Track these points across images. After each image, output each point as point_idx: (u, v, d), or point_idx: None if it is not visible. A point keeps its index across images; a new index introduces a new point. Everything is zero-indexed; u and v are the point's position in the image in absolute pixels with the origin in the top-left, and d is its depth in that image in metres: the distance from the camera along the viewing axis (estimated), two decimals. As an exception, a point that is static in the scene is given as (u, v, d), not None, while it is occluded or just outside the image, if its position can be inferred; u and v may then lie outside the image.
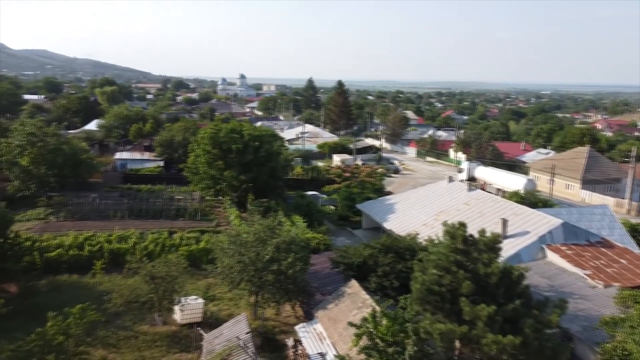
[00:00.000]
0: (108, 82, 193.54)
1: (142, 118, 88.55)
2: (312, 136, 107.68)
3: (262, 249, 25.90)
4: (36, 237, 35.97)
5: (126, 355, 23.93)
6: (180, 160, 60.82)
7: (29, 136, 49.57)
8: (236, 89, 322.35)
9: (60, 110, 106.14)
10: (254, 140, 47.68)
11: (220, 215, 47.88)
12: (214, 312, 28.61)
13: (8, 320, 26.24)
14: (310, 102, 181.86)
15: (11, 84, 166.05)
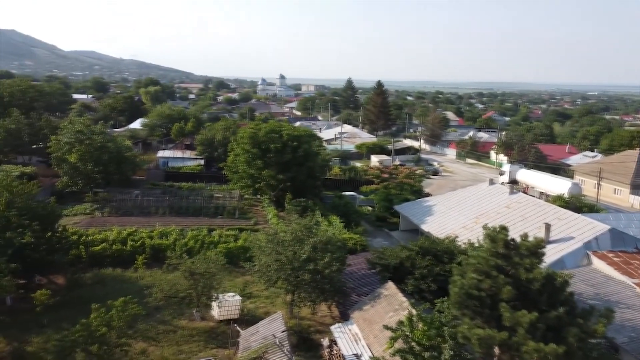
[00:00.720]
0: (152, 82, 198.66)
1: (184, 117, 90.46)
2: (350, 136, 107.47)
3: (299, 248, 26.01)
4: (82, 231, 37.30)
5: (165, 348, 24.47)
6: (220, 159, 61.81)
7: (77, 134, 51.40)
8: (275, 89, 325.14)
9: (107, 109, 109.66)
10: (293, 140, 47.98)
11: (258, 213, 48.41)
12: (251, 310, 28.92)
13: (55, 310, 27.27)
14: (348, 102, 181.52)
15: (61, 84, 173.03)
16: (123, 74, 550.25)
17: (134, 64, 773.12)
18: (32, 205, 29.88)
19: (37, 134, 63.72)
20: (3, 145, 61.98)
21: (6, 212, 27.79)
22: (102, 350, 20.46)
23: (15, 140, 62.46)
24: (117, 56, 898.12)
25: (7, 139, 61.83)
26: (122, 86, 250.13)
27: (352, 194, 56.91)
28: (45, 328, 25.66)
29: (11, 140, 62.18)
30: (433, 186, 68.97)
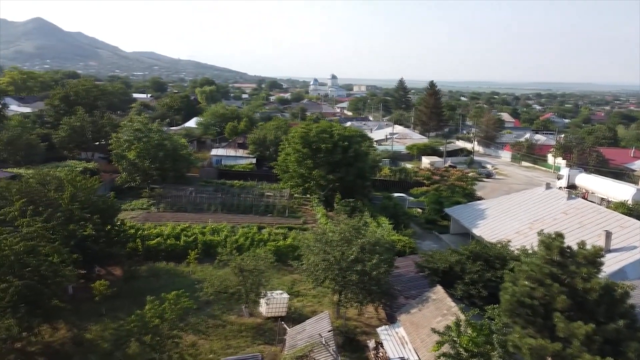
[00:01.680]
0: (207, 82, 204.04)
1: (237, 117, 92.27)
2: (401, 137, 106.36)
3: (347, 249, 26.01)
4: (139, 225, 38.79)
5: (214, 342, 25.09)
6: (271, 158, 62.67)
7: (135, 132, 53.51)
8: (327, 89, 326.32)
9: (164, 108, 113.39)
10: (343, 140, 48.03)
11: (307, 213, 48.77)
12: (298, 308, 29.18)
13: (112, 300, 28.53)
14: (400, 102, 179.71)
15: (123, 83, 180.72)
16: (180, 74, 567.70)
17: (191, 65, 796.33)
18: (94, 200, 31.28)
19: (100, 131, 66.78)
20: (68, 141, 65.39)
21: (70, 206, 29.26)
22: (154, 341, 21.25)
23: (79, 137, 65.74)
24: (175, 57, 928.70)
25: (72, 136, 65.18)
26: (179, 86, 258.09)
27: (401, 196, 56.34)
28: (102, 317, 26.89)
29: (76, 137, 65.50)
30: (486, 189, 67.20)
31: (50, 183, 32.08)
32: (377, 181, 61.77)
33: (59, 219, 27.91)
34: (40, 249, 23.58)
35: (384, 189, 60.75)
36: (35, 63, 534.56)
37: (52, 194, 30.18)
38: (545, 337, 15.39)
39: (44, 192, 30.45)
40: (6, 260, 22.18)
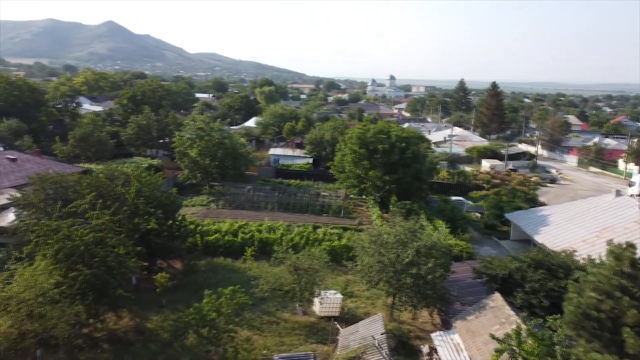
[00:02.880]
0: (267, 83, 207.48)
1: (295, 117, 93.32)
2: (460, 139, 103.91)
3: (402, 251, 25.72)
4: (199, 221, 40.03)
5: (268, 338, 25.49)
6: (328, 159, 62.94)
7: (198, 130, 55.24)
8: (385, 90, 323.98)
9: (225, 108, 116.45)
10: (401, 142, 47.53)
11: (362, 213, 48.61)
12: (351, 309, 29.14)
13: (172, 293, 29.61)
14: (460, 104, 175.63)
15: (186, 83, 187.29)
16: (241, 74, 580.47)
17: (251, 65, 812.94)
18: (157, 195, 32.53)
19: (164, 129, 69.46)
20: (135, 139, 68.47)
21: (135, 200, 30.61)
22: (211, 334, 21.87)
23: (145, 135, 68.68)
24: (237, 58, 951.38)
25: (139, 134, 68.18)
26: (240, 86, 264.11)
27: (459, 199, 55.06)
28: (163, 308, 27.96)
29: (142, 135, 68.47)
30: (549, 195, 64.46)
31: (118, 178, 33.73)
32: (434, 184, 60.70)
33: (125, 213, 29.23)
34: (108, 240, 24.81)
35: (441, 192, 59.61)
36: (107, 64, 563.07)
37: (120, 189, 31.70)
38: (612, 353, 14.59)
39: (112, 187, 32.00)
40: (77, 250, 23.50)
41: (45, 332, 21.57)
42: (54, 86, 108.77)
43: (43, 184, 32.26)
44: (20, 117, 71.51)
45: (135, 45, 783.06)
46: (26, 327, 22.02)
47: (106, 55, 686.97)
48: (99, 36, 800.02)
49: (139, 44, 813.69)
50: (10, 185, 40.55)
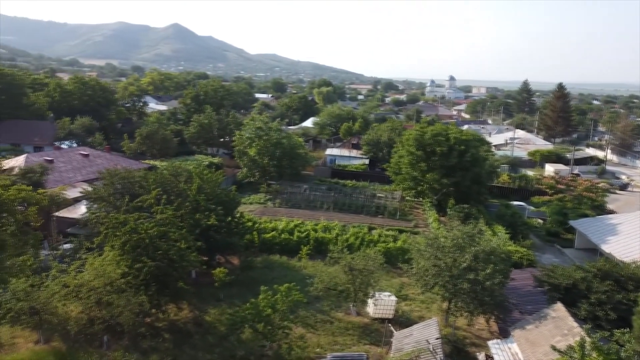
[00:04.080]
0: (325, 83, 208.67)
1: (352, 117, 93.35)
2: (522, 142, 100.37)
3: (460, 256, 25.24)
4: (256, 219, 40.91)
5: (321, 337, 25.70)
6: (385, 160, 62.57)
7: (256, 130, 56.45)
8: (444, 90, 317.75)
9: (283, 108, 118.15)
10: (459, 144, 46.54)
11: (418, 216, 48.02)
12: (405, 312, 28.90)
13: (230, 287, 30.43)
14: (523, 105, 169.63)
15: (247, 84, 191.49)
16: (299, 75, 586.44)
17: (310, 66, 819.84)
18: (217, 192, 33.55)
19: (225, 128, 71.44)
20: (197, 137, 70.86)
21: (197, 196, 31.72)
22: (266, 329, 22.35)
23: (207, 133, 70.94)
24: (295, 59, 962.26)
25: (201, 132, 70.52)
26: (298, 86, 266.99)
27: (520, 204, 53.23)
28: (220, 302, 28.80)
29: (204, 133, 70.77)
30: (619, 202, 61.07)
31: (180, 175, 35.05)
32: (494, 188, 58.99)
33: (187, 208, 30.37)
34: (171, 234, 25.88)
35: (501, 196, 57.87)
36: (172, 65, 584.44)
37: (182, 185, 32.95)
38: (686, 372, 13.74)
39: (175, 183, 33.33)
40: (142, 243, 24.67)
41: (112, 319, 22.80)
42: (123, 86, 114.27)
43: (112, 179, 34.04)
44: (92, 115, 75.73)
45: (198, 47, 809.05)
46: (95, 313, 23.39)
47: (171, 56, 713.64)
48: (165, 38, 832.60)
49: (202, 45, 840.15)
50: (82, 180, 43.11)
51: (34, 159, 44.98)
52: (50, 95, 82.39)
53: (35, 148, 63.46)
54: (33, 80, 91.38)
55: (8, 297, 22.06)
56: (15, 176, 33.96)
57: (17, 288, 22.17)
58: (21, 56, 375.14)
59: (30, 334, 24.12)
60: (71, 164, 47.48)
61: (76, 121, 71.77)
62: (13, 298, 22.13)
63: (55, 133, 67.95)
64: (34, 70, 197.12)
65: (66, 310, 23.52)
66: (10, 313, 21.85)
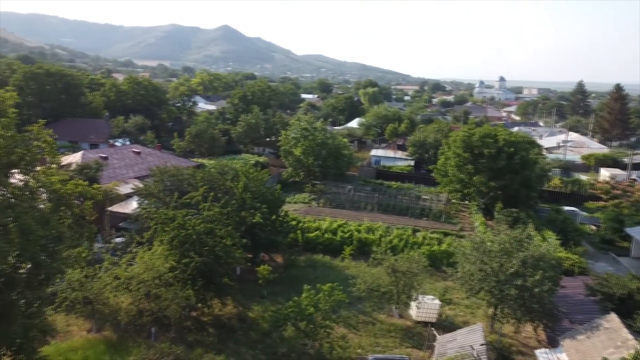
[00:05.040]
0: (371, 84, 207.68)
1: (398, 118, 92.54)
2: (576, 145, 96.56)
3: (507, 261, 24.59)
4: (300, 218, 41.22)
5: (363, 338, 25.64)
6: (430, 161, 61.73)
7: (302, 130, 56.87)
8: (493, 92, 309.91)
9: (329, 109, 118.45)
10: (509, 146, 45.31)
11: (464, 219, 47.14)
12: (449, 316, 28.43)
13: (273, 285, 30.81)
14: (577, 107, 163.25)
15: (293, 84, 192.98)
16: (345, 75, 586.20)
17: (356, 67, 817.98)
18: (263, 191, 34.03)
19: (271, 128, 72.41)
20: (244, 136, 72.14)
21: (243, 195, 32.29)
22: (308, 328, 22.50)
23: (253, 133, 72.12)
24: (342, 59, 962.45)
25: (248, 132, 71.75)
26: (344, 87, 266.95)
27: (572, 210, 51.28)
28: (264, 299, 29.21)
29: (250, 133, 71.98)
30: (681, 210, 57.81)
31: (227, 173, 35.76)
32: (544, 192, 57.10)
33: (233, 206, 30.95)
34: (217, 231, 26.44)
35: (552, 201, 55.92)
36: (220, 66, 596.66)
37: (229, 183, 33.62)
38: None
39: (222, 181, 34.03)
40: (189, 239, 25.34)
41: (159, 311, 23.55)
42: (174, 86, 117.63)
43: (162, 176, 35.14)
44: (144, 114, 78.34)
45: (246, 48, 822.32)
46: (144, 305, 24.22)
47: (220, 57, 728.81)
48: (214, 39, 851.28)
49: (250, 46, 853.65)
50: (134, 176, 44.64)
51: (90, 155, 46.96)
52: (106, 94, 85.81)
53: (91, 145, 66.28)
54: (90, 81, 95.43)
55: (64, 287, 23.16)
56: (73, 171, 35.52)
57: (72, 278, 23.25)
58: (80, 57, 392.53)
59: (83, 322, 25.25)
60: (124, 161, 49.28)
61: (129, 120, 74.43)
62: (68, 288, 23.25)
63: (110, 131, 70.75)
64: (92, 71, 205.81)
65: (117, 301, 24.46)
66: (66, 302, 22.97)
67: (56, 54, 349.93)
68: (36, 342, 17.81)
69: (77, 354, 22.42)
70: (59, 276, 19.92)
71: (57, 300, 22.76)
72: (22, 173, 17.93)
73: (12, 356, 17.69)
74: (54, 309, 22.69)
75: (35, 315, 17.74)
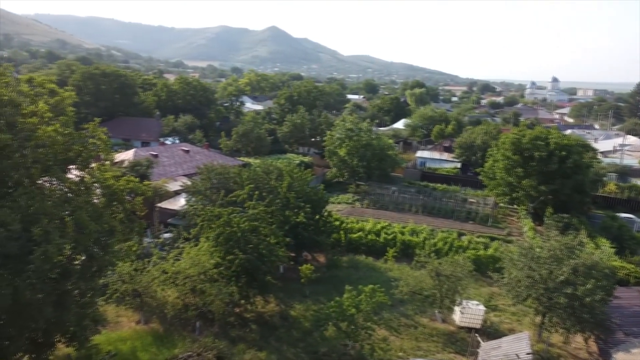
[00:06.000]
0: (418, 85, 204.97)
1: (445, 119, 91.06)
2: (634, 149, 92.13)
3: (557, 268, 23.78)
4: (343, 218, 41.21)
5: (405, 341, 25.38)
6: (478, 164, 60.38)
7: (347, 131, 56.83)
8: (546, 93, 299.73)
9: (375, 109, 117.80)
10: (561, 149, 43.74)
11: (512, 224, 45.88)
12: (494, 323, 27.75)
13: (315, 284, 30.96)
14: (636, 109, 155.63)
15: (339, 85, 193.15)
16: (392, 76, 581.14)
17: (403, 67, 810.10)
18: (307, 190, 34.24)
19: (316, 128, 72.70)
20: (289, 136, 72.82)
21: (287, 194, 32.60)
22: (349, 329, 22.50)
23: (299, 133, 72.68)
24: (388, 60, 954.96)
25: (293, 132, 72.38)
26: (390, 88, 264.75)
27: (629, 217, 48.96)
28: (306, 298, 29.39)
29: (296, 133, 72.57)
30: None
31: (272, 172, 36.18)
32: (598, 197, 54.78)
33: (278, 205, 31.30)
34: (261, 229, 26.82)
35: (607, 207, 53.56)
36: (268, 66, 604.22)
37: (273, 182, 34.02)
38: None
39: (267, 180, 34.48)
40: (234, 236, 25.82)
41: (204, 306, 24.13)
42: (223, 86, 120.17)
43: (209, 174, 35.95)
44: (193, 114, 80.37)
45: (293, 49, 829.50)
46: (189, 299, 24.87)
47: (268, 58, 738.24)
48: (262, 40, 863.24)
49: (297, 47, 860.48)
50: (183, 174, 45.88)
51: (141, 153, 48.59)
52: (158, 94, 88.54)
53: (142, 143, 68.59)
54: (143, 81, 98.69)
55: (115, 279, 24.08)
56: (125, 168, 36.88)
57: (122, 271, 24.14)
58: (134, 58, 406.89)
59: (132, 314, 26.16)
60: (173, 158, 50.71)
61: (179, 119, 76.52)
62: (119, 280, 24.15)
63: (160, 130, 73.00)
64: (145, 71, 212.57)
65: (164, 294, 25.21)
66: (116, 294, 23.88)
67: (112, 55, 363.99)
68: (88, 331, 18.61)
69: (125, 344, 23.26)
70: (111, 268, 20.77)
71: (108, 291, 23.69)
72: (78, 169, 18.78)
73: (66, 343, 18.59)
74: (105, 300, 23.64)
75: (88, 305, 18.57)
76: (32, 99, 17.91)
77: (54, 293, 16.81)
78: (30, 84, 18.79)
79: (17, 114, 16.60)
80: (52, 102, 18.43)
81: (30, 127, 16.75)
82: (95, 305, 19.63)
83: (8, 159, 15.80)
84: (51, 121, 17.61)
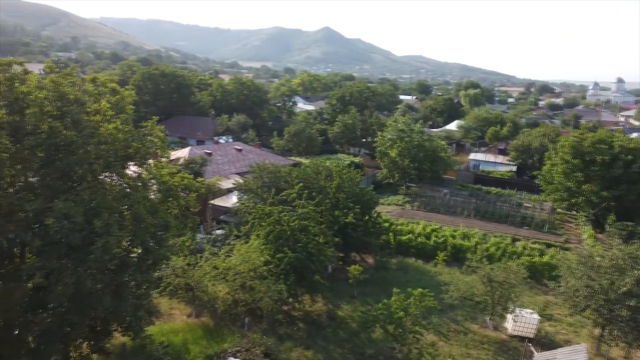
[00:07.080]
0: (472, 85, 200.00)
1: (501, 121, 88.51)
2: None
3: (619, 279, 22.59)
4: (393, 220, 40.84)
5: (454, 347, 24.84)
6: (534, 167, 58.33)
7: (399, 132, 56.26)
8: (610, 94, 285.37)
9: (427, 110, 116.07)
10: (626, 154, 41.55)
11: (570, 231, 44.02)
12: (549, 333, 26.70)
13: (363, 286, 30.82)
14: None
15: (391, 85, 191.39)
16: (446, 77, 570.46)
17: (457, 67, 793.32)
18: (356, 191, 34.17)
19: (368, 129, 72.44)
20: (340, 137, 72.90)
21: (336, 194, 32.62)
22: (397, 332, 22.25)
23: (350, 133, 72.66)
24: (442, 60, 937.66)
25: (344, 132, 72.42)
26: (444, 88, 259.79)
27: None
28: (354, 299, 29.30)
29: (347, 133, 72.58)
30: None
31: (321, 172, 36.31)
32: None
33: (327, 205, 31.38)
34: (310, 229, 26.97)
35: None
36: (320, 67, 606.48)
37: (323, 182, 34.12)
38: None
39: (317, 180, 34.62)
40: (284, 234, 26.10)
41: (253, 302, 24.49)
42: (275, 87, 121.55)
43: (261, 172, 36.50)
44: (247, 113, 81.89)
45: (346, 49, 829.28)
46: (239, 295, 25.30)
47: (320, 58, 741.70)
48: (315, 41, 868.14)
49: (350, 47, 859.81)
50: (235, 172, 46.83)
51: (196, 151, 49.96)
52: (213, 94, 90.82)
53: (198, 141, 70.59)
54: (199, 81, 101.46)
55: (168, 273, 24.87)
56: (180, 165, 38.01)
57: (176, 265, 24.89)
58: (191, 59, 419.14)
59: (184, 307, 26.94)
60: (227, 157, 51.84)
61: (233, 118, 78.16)
62: (172, 274, 24.91)
63: (215, 128, 74.84)
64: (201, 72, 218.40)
65: (215, 290, 25.77)
66: (170, 287, 24.67)
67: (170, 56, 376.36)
68: (143, 322, 19.33)
69: (177, 336, 23.97)
70: (165, 262, 21.48)
71: (162, 284, 24.49)
72: (136, 165, 19.53)
73: (122, 332, 19.38)
74: (159, 293, 24.47)
75: (143, 296, 19.29)
76: (95, 97, 18.78)
77: (112, 284, 17.58)
78: (94, 84, 19.69)
79: (82, 112, 17.43)
80: (114, 100, 19.26)
81: (94, 125, 17.56)
82: (150, 297, 20.36)
83: (73, 155, 16.60)
84: (112, 119, 18.41)
